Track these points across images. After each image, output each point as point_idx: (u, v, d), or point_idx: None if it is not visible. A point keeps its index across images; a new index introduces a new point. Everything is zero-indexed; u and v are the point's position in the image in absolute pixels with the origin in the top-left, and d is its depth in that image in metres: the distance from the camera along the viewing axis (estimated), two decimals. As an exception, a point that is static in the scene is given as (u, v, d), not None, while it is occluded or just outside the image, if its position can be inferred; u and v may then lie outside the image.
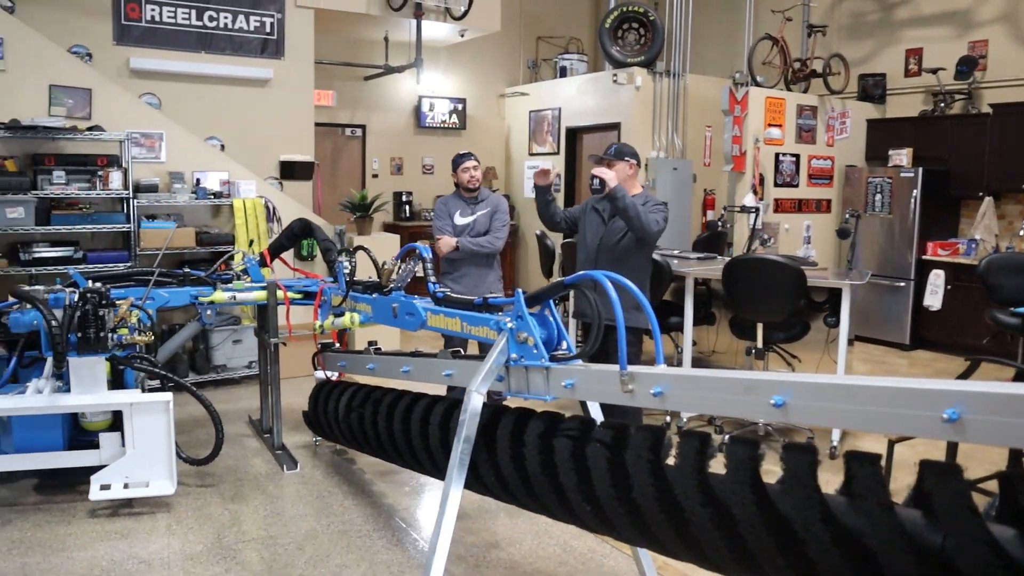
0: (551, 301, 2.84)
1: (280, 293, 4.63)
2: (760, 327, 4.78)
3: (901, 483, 3.92)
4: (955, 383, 1.62)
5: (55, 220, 5.43)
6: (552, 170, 4.39)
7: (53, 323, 3.52)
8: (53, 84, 5.73)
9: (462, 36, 9.34)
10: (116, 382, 4.18)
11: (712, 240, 7.50)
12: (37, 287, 3.78)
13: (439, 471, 3.23)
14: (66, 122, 5.51)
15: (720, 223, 5.74)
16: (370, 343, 4.28)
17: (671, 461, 2.10)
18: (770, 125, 7.89)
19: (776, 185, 8.12)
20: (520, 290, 2.84)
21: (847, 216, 5.73)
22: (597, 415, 3.08)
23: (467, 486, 2.81)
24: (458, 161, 5.12)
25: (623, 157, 4.34)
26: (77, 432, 4.15)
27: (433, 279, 3.63)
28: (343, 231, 6.78)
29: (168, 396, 3.85)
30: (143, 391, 4.12)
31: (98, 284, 4.06)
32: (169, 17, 7.05)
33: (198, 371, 6.11)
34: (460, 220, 5.11)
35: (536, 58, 11.09)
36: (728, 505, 1.91)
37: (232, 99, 7.29)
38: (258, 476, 4.40)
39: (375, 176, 10.26)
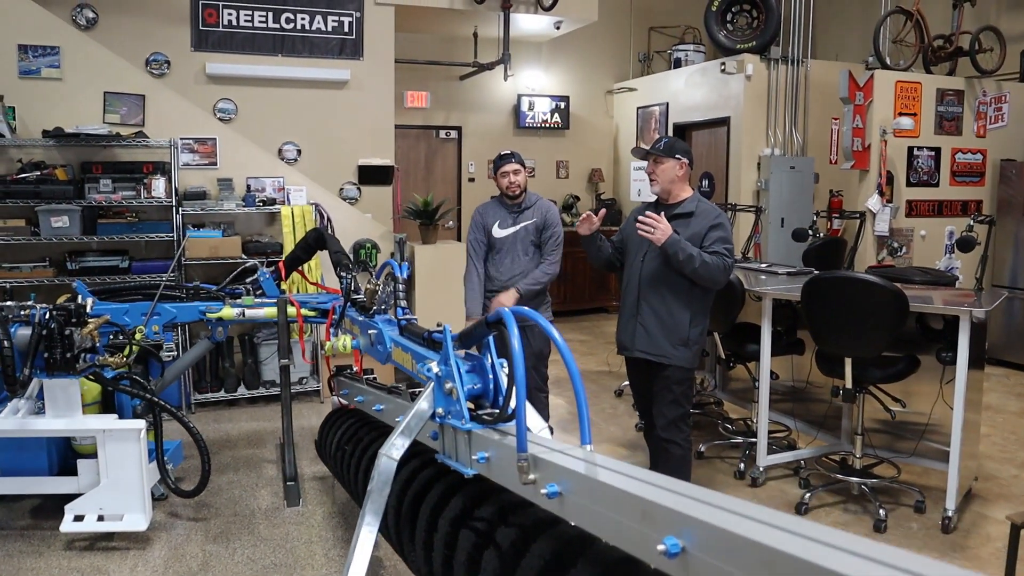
0: (491, 342, 2.21)
1: (292, 310, 4.23)
2: (849, 363, 3.89)
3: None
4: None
5: (101, 229, 5.31)
6: (594, 217, 3.72)
7: (5, 343, 3.25)
8: (108, 91, 5.64)
9: (557, 28, 8.74)
10: (108, 406, 3.93)
11: (828, 251, 6.48)
12: (8, 303, 3.54)
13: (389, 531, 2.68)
14: (111, 129, 5.38)
15: (810, 230, 4.83)
16: (365, 372, 3.80)
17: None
18: (901, 114, 6.75)
19: (909, 184, 6.96)
20: (447, 326, 2.24)
21: (971, 223, 4.66)
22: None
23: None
24: (498, 163, 4.47)
25: (673, 154, 3.60)
26: (71, 455, 3.91)
27: (404, 303, 3.08)
28: (403, 240, 6.35)
29: (140, 424, 3.51)
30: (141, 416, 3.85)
31: (87, 300, 3.84)
32: (246, 21, 6.90)
33: (248, 386, 5.86)
34: (499, 232, 4.47)
35: (648, 50, 10.30)
36: None
37: (309, 102, 7.05)
38: (255, 512, 4.01)
39: (471, 180, 9.84)
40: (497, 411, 2.09)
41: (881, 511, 3.84)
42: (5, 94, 5.23)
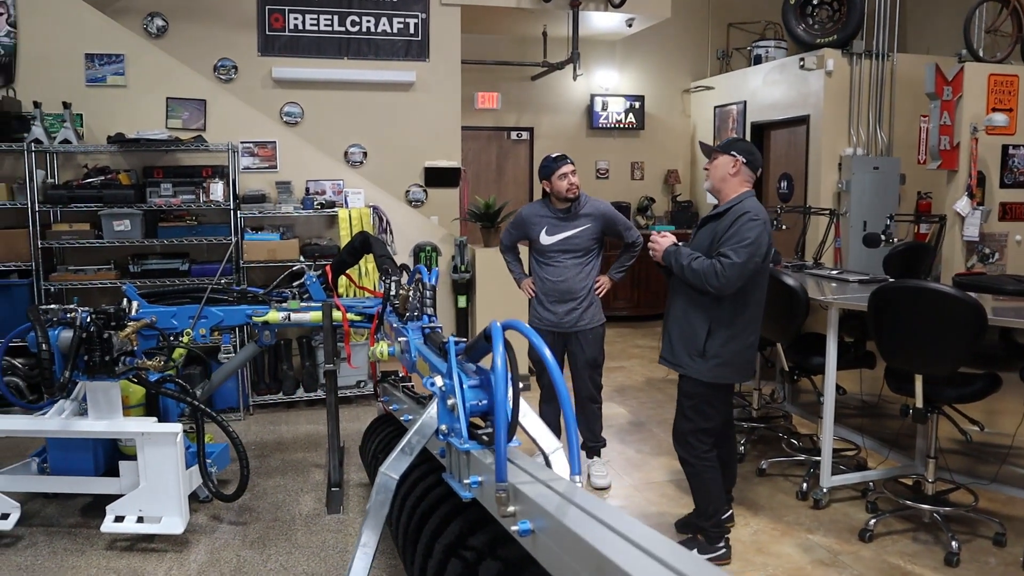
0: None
1: (337, 314, 4.18)
2: (919, 380, 3.57)
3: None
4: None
5: (161, 232, 5.41)
6: (664, 240, 3.49)
7: (43, 347, 3.30)
8: (170, 97, 5.76)
9: (629, 26, 8.52)
10: (152, 408, 3.96)
11: (911, 257, 6.05)
12: (52, 306, 3.60)
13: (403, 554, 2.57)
14: (171, 134, 5.48)
15: (883, 235, 4.48)
16: (403, 380, 3.71)
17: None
18: (994, 109, 6.27)
19: (1003, 186, 6.45)
20: (451, 338, 2.11)
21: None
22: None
23: None
24: (553, 166, 4.26)
25: (730, 151, 3.37)
26: (118, 456, 3.96)
27: (431, 310, 2.97)
28: (463, 243, 6.26)
29: (176, 428, 3.52)
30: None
31: (134, 303, 3.88)
32: (312, 25, 6.97)
33: (306, 389, 5.88)
34: (547, 239, 4.31)
35: (727, 47, 9.93)
36: None
37: (375, 104, 7.07)
38: (296, 517, 3.97)
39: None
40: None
41: (954, 543, 3.50)
42: (73, 102, 5.39)
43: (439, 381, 2.07)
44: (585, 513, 1.28)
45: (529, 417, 2.12)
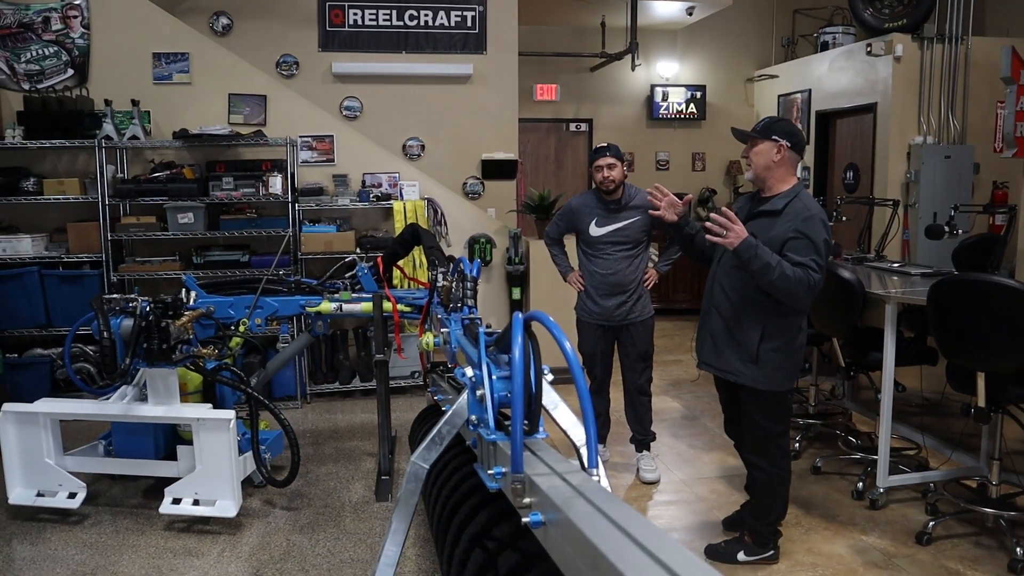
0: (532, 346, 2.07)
1: (388, 305, 4.25)
2: (982, 378, 3.43)
3: None
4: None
5: (223, 225, 5.57)
6: (678, 201, 3.42)
7: (105, 334, 3.44)
8: (232, 93, 5.92)
9: (690, 15, 8.38)
10: (209, 395, 4.08)
11: (982, 249, 5.80)
12: (114, 296, 3.75)
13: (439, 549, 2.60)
14: (232, 129, 5.63)
15: (947, 226, 4.30)
16: (435, 365, 3.74)
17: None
18: (1075, 95, 5.94)
19: (1084, 175, 6.12)
20: (482, 328, 2.11)
21: None
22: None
23: None
24: (592, 157, 4.29)
25: (769, 135, 3.13)
26: (177, 441, 4.10)
27: (471, 302, 2.98)
28: (518, 234, 6.27)
29: (230, 414, 3.62)
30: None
31: (192, 293, 4.01)
32: (371, 20, 7.04)
33: (362, 379, 5.98)
34: (596, 231, 4.29)
35: (792, 34, 9.67)
36: None
37: (432, 97, 7.11)
38: (346, 504, 4.05)
39: (601, 173, 9.60)
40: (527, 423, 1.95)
41: (1019, 549, 3.36)
42: (141, 99, 5.58)
43: (469, 371, 2.08)
44: (592, 507, 1.27)
45: (560, 409, 2.11)
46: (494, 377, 2.02)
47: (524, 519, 1.41)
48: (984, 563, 3.42)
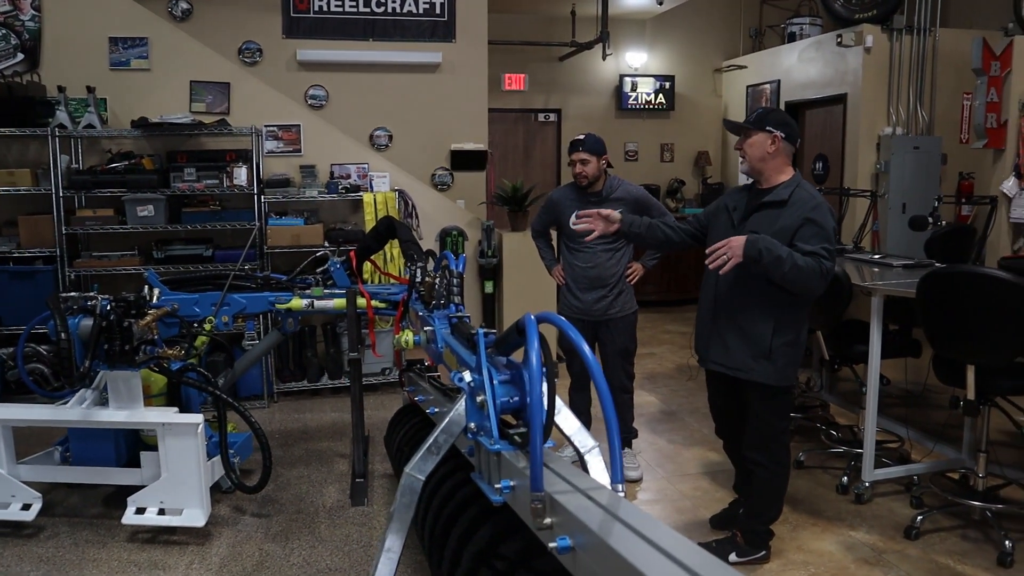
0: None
1: (362, 301, 4.08)
2: (971, 371, 3.39)
3: None
4: None
5: (185, 218, 5.34)
6: (598, 221, 3.35)
7: (63, 335, 3.23)
8: (194, 80, 5.67)
9: (660, 4, 8.29)
10: (174, 398, 3.88)
11: (955, 240, 5.83)
12: (72, 294, 3.53)
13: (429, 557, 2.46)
14: (194, 118, 5.40)
15: (930, 217, 4.28)
16: (429, 369, 3.60)
17: None
18: (1045, 87, 6.00)
19: (1053, 166, 6.18)
20: (481, 330, 1.98)
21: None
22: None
23: None
24: (569, 150, 4.18)
25: (764, 126, 3.07)
26: (140, 446, 3.90)
27: (458, 298, 2.84)
28: (491, 227, 6.14)
29: (198, 418, 3.44)
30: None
31: (155, 290, 3.81)
32: (337, 6, 6.82)
33: (331, 376, 5.80)
34: (577, 224, 4.16)
35: (760, 25, 9.65)
36: None
37: (400, 87, 6.92)
38: (320, 510, 3.89)
39: (571, 164, 9.48)
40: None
41: (1007, 542, 3.33)
42: (97, 86, 5.32)
43: (468, 376, 1.95)
44: (632, 531, 1.15)
45: (563, 413, 1.99)
46: (495, 382, 1.89)
47: (551, 544, 1.29)
48: (973, 557, 3.39)
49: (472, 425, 1.94)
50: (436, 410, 2.93)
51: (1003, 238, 6.06)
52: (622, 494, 1.41)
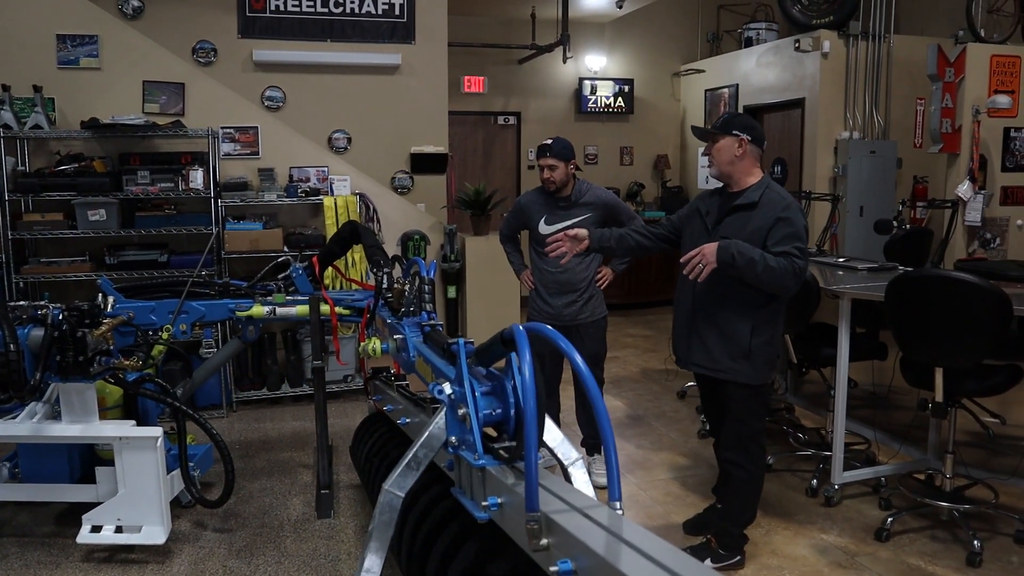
0: (514, 359, 1.87)
1: (325, 307, 3.97)
2: (940, 373, 3.42)
3: None
4: None
5: (139, 222, 5.16)
6: (572, 233, 3.39)
7: (12, 346, 3.06)
8: (147, 80, 5.49)
9: (620, 7, 8.31)
10: (131, 410, 3.73)
11: (914, 243, 5.91)
12: (21, 303, 3.36)
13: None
14: (148, 119, 5.22)
15: (895, 221, 4.34)
16: (398, 378, 3.51)
17: None
18: (997, 91, 6.13)
19: (1005, 169, 6.32)
20: (461, 339, 1.91)
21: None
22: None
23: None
24: (537, 154, 4.12)
25: (730, 131, 3.09)
26: (95, 461, 3.73)
27: (429, 306, 2.77)
28: (453, 231, 6.06)
29: (157, 431, 3.30)
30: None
31: (109, 298, 3.65)
32: (294, 6, 6.68)
33: (291, 384, 5.66)
34: (546, 228, 4.10)
35: (717, 30, 9.73)
36: None
37: (359, 88, 6.80)
38: (284, 523, 3.77)
39: (531, 167, 9.47)
40: (515, 444, 1.76)
41: (976, 542, 3.36)
42: (44, 85, 5.11)
43: (448, 388, 1.87)
44: (641, 555, 1.09)
45: (547, 424, 1.93)
46: (478, 394, 1.82)
47: (552, 568, 1.23)
48: (943, 557, 3.42)
49: (453, 439, 1.87)
50: (408, 420, 2.85)
51: (959, 241, 6.18)
52: (620, 512, 1.35)
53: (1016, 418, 3.87)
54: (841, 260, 4.68)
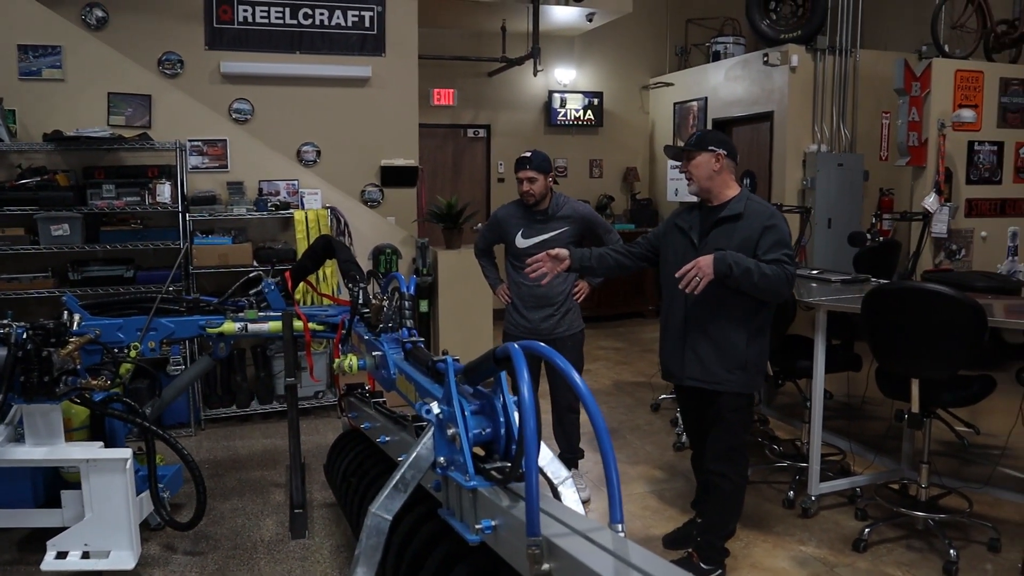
0: (503, 378, 1.84)
1: (298, 324, 3.89)
2: (916, 384, 3.44)
3: None
4: None
5: (104, 237, 5.04)
6: (554, 254, 3.40)
7: (-25, 368, 2.95)
8: (112, 92, 5.38)
9: (590, 21, 8.35)
10: (98, 430, 3.62)
11: (883, 255, 5.99)
12: (-16, 321, 3.24)
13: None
14: (114, 132, 5.10)
15: (868, 233, 4.40)
16: (375, 395, 3.45)
17: None
18: (961, 105, 6.25)
19: (969, 182, 6.45)
20: (449, 357, 1.87)
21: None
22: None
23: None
24: (516, 167, 4.08)
25: (706, 147, 3.15)
26: (60, 485, 3.61)
27: (410, 322, 2.72)
28: (426, 244, 6.00)
29: (126, 453, 3.20)
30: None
31: (75, 316, 3.55)
32: (262, 17, 6.60)
33: (261, 401, 5.56)
34: (523, 242, 4.08)
35: (685, 43, 9.83)
36: None
37: (329, 101, 6.75)
38: (257, 544, 3.68)
39: (501, 180, 9.47)
40: (508, 465, 1.72)
41: (951, 551, 3.39)
42: (5, 96, 4.98)
43: (436, 408, 1.83)
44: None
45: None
46: (467, 413, 1.78)
47: (555, 595, 1.19)
48: (920, 567, 3.44)
49: (442, 459, 1.82)
50: (388, 439, 2.79)
51: (925, 252, 6.27)
52: (623, 534, 1.32)
53: (989, 427, 3.91)
54: (814, 272, 4.72)
